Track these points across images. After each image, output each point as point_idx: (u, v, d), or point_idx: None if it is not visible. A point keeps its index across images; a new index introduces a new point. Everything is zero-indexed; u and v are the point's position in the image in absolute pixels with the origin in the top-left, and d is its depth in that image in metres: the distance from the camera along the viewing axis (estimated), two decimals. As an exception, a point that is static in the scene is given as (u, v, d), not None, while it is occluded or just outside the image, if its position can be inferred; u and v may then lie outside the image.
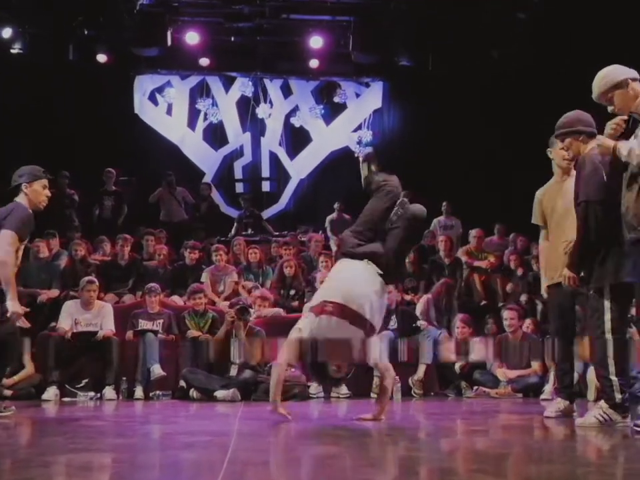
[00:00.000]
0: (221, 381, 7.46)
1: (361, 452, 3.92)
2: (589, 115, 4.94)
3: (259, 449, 3.98)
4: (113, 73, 13.08)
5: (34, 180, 5.38)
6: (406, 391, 7.92)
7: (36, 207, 5.37)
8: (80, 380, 7.78)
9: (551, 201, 5.48)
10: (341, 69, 13.90)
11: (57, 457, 3.63)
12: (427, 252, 10.61)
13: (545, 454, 3.82)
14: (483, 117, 12.80)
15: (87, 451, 3.85)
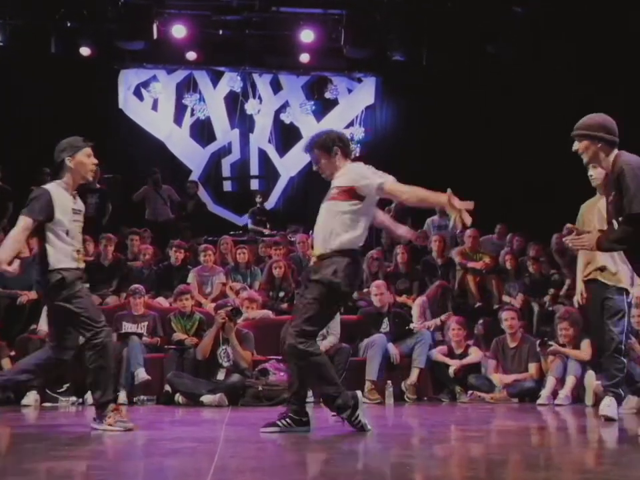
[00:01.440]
0: (207, 385, 7.43)
1: (352, 459, 3.91)
2: (614, 122, 4.72)
3: (247, 456, 3.96)
4: (96, 67, 13.03)
5: (76, 151, 5.26)
6: (399, 395, 7.92)
7: (84, 178, 5.26)
8: (61, 384, 7.72)
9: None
10: (332, 64, 13.88)
11: (36, 465, 3.61)
12: (419, 252, 10.61)
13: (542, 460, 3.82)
14: (479, 113, 12.82)
15: (67, 458, 3.83)
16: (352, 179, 4.99)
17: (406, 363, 8.12)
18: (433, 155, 12.95)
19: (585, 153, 4.73)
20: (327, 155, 5.14)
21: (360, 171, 5.03)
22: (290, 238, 11.75)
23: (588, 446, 4.44)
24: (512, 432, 5.32)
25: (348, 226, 4.93)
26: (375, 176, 4.96)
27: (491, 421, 6.01)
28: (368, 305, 8.84)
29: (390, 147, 13.92)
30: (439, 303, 8.99)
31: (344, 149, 5.08)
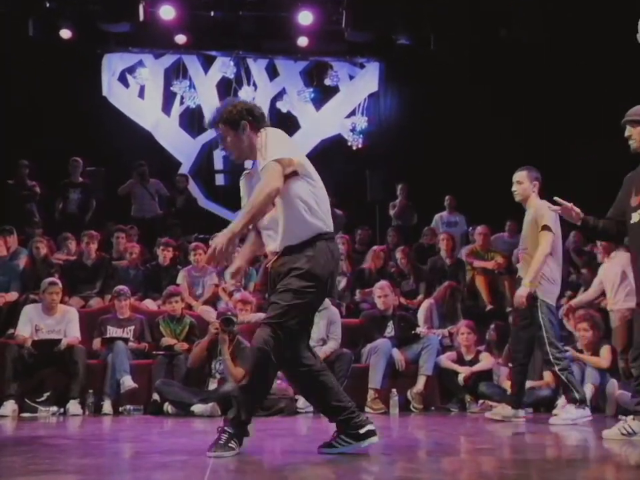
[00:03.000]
0: (198, 394, 7.45)
1: (354, 473, 3.91)
2: None
3: (241, 470, 3.97)
4: (78, 51, 13.05)
5: None
6: (404, 404, 7.95)
7: None
8: (41, 393, 7.75)
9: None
10: (332, 48, 13.90)
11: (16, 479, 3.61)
12: (426, 251, 10.63)
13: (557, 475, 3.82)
14: (490, 101, 12.82)
15: (49, 472, 3.83)
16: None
17: (412, 370, 8.14)
18: (439, 145, 12.95)
19: (637, 139, 5.19)
20: (233, 130, 4.65)
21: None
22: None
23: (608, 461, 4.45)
24: (526, 445, 5.33)
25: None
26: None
27: (503, 432, 6.02)
28: (371, 307, 8.86)
29: (394, 137, 13.94)
30: (448, 306, 9.00)
31: (253, 122, 4.59)
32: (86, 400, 7.71)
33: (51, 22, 12.60)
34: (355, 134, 14.23)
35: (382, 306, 8.46)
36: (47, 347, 7.82)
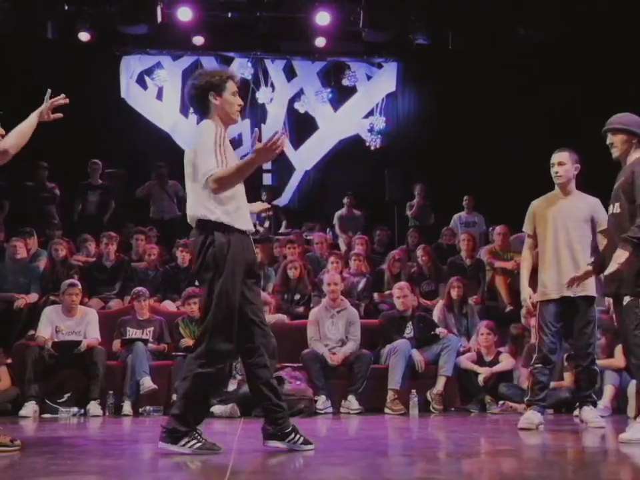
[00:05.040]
0: (218, 395, 7.47)
1: (374, 474, 3.92)
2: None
3: (261, 470, 3.98)
4: (96, 53, 13.12)
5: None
6: (424, 405, 7.93)
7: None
8: (61, 394, 7.79)
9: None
10: (350, 48, 13.90)
11: (37, 480, 3.64)
12: (446, 252, 10.61)
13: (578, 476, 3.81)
14: (509, 100, 12.78)
15: (70, 473, 3.86)
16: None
17: (431, 371, 8.12)
18: (458, 145, 12.92)
19: (618, 147, 5.28)
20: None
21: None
22: (306, 236, 11.78)
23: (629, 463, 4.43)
24: (547, 446, 5.31)
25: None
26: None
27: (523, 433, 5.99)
28: (390, 308, 8.86)
29: (413, 137, 13.92)
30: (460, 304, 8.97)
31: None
32: (106, 401, 7.75)
33: (69, 24, 12.67)
34: (373, 134, 14.22)
35: (401, 307, 8.45)
36: (67, 349, 7.86)
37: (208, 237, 4.35)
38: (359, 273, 9.73)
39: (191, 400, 4.36)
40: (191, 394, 4.35)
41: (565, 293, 5.92)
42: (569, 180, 6.16)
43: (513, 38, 12.66)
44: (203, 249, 4.35)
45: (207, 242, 4.34)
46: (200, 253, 4.36)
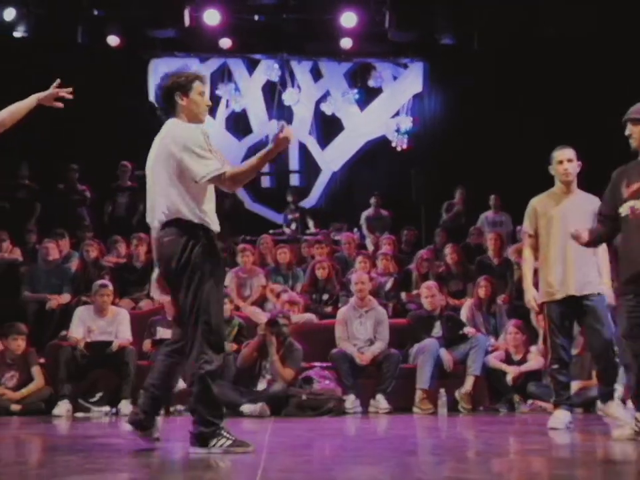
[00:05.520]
0: (247, 395, 7.50)
1: (403, 473, 3.92)
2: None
3: (293, 469, 4.00)
4: (125, 57, 13.20)
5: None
6: (452, 405, 7.89)
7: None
8: (94, 393, 7.87)
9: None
10: (376, 49, 13.87)
11: (71, 478, 3.68)
12: (473, 251, 10.58)
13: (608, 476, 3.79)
14: (537, 100, 12.71)
15: (104, 471, 3.91)
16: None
17: (460, 370, 8.09)
18: (486, 146, 12.87)
19: (637, 138, 5.17)
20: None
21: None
22: (333, 237, 11.79)
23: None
24: (577, 445, 5.29)
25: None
26: None
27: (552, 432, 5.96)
28: (418, 307, 8.84)
29: (440, 138, 13.88)
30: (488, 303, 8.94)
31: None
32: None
33: (98, 29, 12.77)
34: (400, 134, 14.18)
35: (429, 306, 8.43)
36: (99, 348, 7.93)
37: (191, 237, 4.38)
38: (386, 272, 9.73)
39: (205, 401, 4.41)
40: (203, 395, 4.40)
41: (571, 293, 5.85)
42: (574, 177, 6.12)
43: (539, 37, 12.58)
44: (186, 249, 4.36)
45: (191, 242, 4.37)
46: (183, 254, 4.35)
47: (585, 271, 5.88)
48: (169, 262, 4.38)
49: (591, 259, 5.90)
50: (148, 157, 4.62)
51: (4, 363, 7.89)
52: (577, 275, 5.84)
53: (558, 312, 5.88)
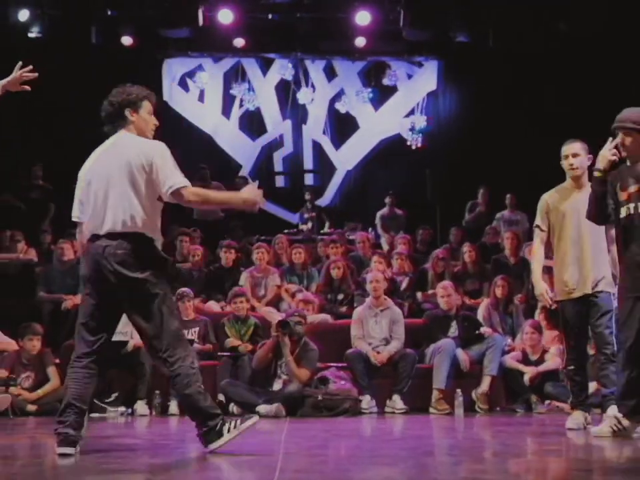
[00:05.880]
0: (263, 395, 7.51)
1: (420, 474, 3.91)
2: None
3: (310, 470, 3.99)
4: (139, 57, 13.25)
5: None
6: (469, 405, 7.89)
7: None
8: (109, 394, 7.88)
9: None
10: (390, 48, 13.87)
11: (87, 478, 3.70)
12: (489, 250, 10.55)
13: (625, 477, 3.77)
14: (551, 97, 12.66)
15: (120, 472, 3.92)
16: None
17: (476, 370, 8.08)
18: (501, 144, 12.83)
19: (629, 147, 5.20)
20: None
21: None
22: (348, 236, 11.79)
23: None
24: (595, 446, 5.26)
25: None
26: None
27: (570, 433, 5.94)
28: (434, 307, 8.83)
29: (454, 136, 13.86)
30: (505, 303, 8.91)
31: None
32: (153, 401, 7.83)
33: (112, 29, 12.83)
34: (414, 133, 14.17)
35: (445, 306, 8.42)
36: (114, 349, 7.94)
37: (152, 248, 4.44)
38: (401, 272, 9.72)
39: (197, 402, 4.44)
40: (194, 398, 4.44)
41: (587, 291, 5.78)
42: (583, 172, 6.01)
43: (554, 34, 12.54)
44: (149, 259, 4.40)
45: (153, 253, 4.44)
46: (147, 264, 4.38)
47: (600, 268, 5.82)
48: (120, 273, 4.35)
49: (606, 257, 5.85)
50: (92, 165, 4.59)
51: (20, 364, 7.93)
52: (594, 273, 5.79)
53: (574, 312, 5.82)
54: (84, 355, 4.54)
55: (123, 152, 4.47)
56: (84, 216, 4.56)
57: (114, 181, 4.41)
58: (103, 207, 4.43)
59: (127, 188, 4.39)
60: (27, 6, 12.42)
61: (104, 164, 4.52)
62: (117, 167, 4.44)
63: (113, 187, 4.42)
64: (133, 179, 4.39)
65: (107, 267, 4.34)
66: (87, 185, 4.54)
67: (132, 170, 4.39)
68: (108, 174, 4.45)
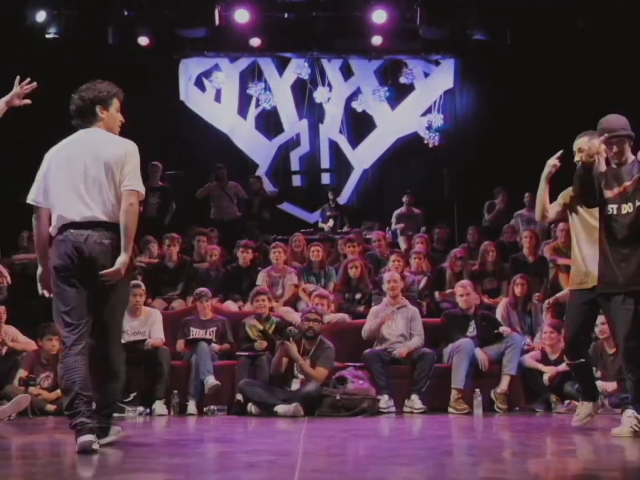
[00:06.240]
0: (281, 395, 7.53)
1: (439, 474, 3.92)
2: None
3: (329, 470, 4.01)
4: (155, 57, 13.32)
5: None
6: (488, 405, 7.87)
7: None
8: (128, 394, 7.88)
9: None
10: (407, 46, 13.86)
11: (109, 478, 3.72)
12: (507, 249, 10.52)
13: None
14: (569, 95, 12.60)
15: (141, 471, 3.94)
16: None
17: (495, 370, 8.05)
18: (519, 143, 12.78)
19: (618, 152, 5.41)
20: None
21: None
22: (365, 235, 11.79)
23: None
24: (615, 447, 5.24)
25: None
26: None
27: (591, 434, 5.92)
28: (452, 306, 8.82)
29: (471, 135, 13.85)
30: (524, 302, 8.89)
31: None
32: (171, 400, 7.86)
33: (129, 29, 12.89)
34: (431, 132, 14.16)
35: (464, 305, 8.40)
36: (132, 349, 7.97)
37: (119, 240, 4.57)
38: (419, 271, 9.71)
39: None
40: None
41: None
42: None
43: (572, 31, 12.48)
44: (119, 250, 4.54)
45: (119, 244, 4.56)
46: (114, 258, 4.53)
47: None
48: (103, 263, 4.51)
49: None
50: (63, 155, 4.72)
51: (39, 363, 7.98)
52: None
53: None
54: (75, 343, 4.57)
55: (99, 147, 4.66)
56: (45, 202, 4.69)
57: (92, 173, 4.60)
58: (78, 196, 4.59)
59: (104, 180, 4.59)
60: (44, 7, 12.48)
61: (77, 157, 4.67)
62: (92, 161, 4.62)
63: (90, 179, 4.60)
64: (112, 173, 4.60)
65: (88, 254, 4.51)
66: (56, 174, 4.68)
67: (110, 165, 4.60)
68: (83, 166, 4.61)
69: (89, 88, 4.87)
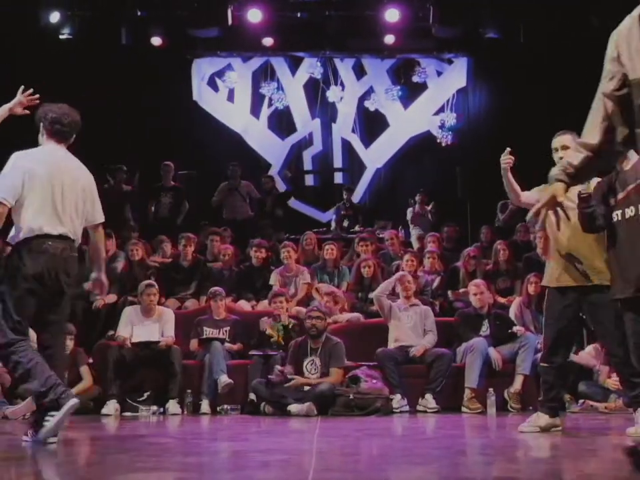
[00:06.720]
0: (294, 394, 7.53)
1: (453, 473, 3.91)
2: None
3: (343, 469, 4.00)
4: (168, 57, 13.35)
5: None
6: (501, 404, 7.84)
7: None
8: (141, 393, 7.94)
9: None
10: (420, 45, 13.85)
11: (123, 477, 3.73)
12: (521, 248, 10.48)
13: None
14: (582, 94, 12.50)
15: (155, 470, 3.94)
16: None
17: (509, 369, 8.03)
18: (532, 141, 12.71)
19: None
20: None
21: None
22: (378, 234, 11.77)
23: None
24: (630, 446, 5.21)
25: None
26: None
27: (605, 433, 5.91)
28: (465, 306, 8.80)
29: (484, 133, 13.78)
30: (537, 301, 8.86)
31: (48, 127, 5.12)
32: (184, 400, 7.87)
33: (142, 30, 12.93)
34: (444, 130, 14.13)
35: (477, 304, 8.37)
36: (145, 348, 8.01)
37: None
38: (433, 270, 9.70)
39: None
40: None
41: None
42: None
43: (585, 29, 12.43)
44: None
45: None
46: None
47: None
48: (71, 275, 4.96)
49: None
50: (47, 167, 4.96)
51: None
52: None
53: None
54: (22, 340, 4.82)
55: (75, 169, 5.10)
56: (17, 205, 4.86)
57: (70, 191, 4.97)
58: (58, 210, 4.91)
59: (79, 201, 5.00)
60: (57, 8, 12.54)
61: (57, 173, 4.97)
62: (70, 180, 5.00)
63: (70, 197, 4.96)
64: (83, 196, 5.07)
65: (63, 267, 4.87)
66: (40, 183, 4.89)
67: (84, 188, 5.08)
68: (62, 182, 4.94)
69: (43, 105, 5.18)
